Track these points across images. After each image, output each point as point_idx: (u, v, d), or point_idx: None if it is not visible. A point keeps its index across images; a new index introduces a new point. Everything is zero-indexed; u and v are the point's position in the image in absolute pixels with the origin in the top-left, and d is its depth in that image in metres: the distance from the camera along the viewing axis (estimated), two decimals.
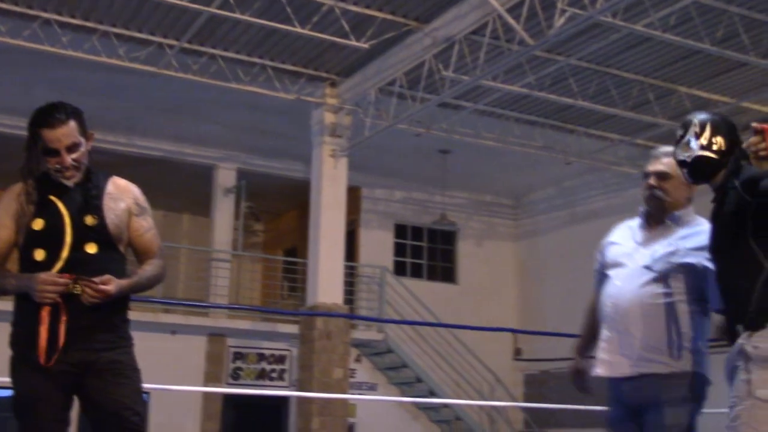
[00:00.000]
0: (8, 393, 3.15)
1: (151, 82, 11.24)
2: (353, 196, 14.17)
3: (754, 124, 2.87)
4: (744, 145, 2.93)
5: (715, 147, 3.29)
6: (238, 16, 9.47)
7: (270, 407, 13.83)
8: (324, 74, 11.58)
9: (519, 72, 10.82)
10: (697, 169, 3.30)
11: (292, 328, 13.18)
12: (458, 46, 9.76)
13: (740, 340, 3.13)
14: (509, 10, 8.88)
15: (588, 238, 15.14)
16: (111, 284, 3.08)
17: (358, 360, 14.18)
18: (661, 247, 3.54)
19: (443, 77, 10.30)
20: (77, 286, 3.07)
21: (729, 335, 3.24)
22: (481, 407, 15.12)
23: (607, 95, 11.60)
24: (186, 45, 10.43)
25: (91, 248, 3.20)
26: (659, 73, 11.25)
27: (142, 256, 3.39)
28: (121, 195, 3.36)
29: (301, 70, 11.40)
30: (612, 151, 13.66)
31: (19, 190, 3.24)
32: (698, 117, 3.36)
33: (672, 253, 3.51)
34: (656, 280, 3.49)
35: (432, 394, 14.00)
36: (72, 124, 3.21)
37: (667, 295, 3.48)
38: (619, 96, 11.63)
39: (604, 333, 3.56)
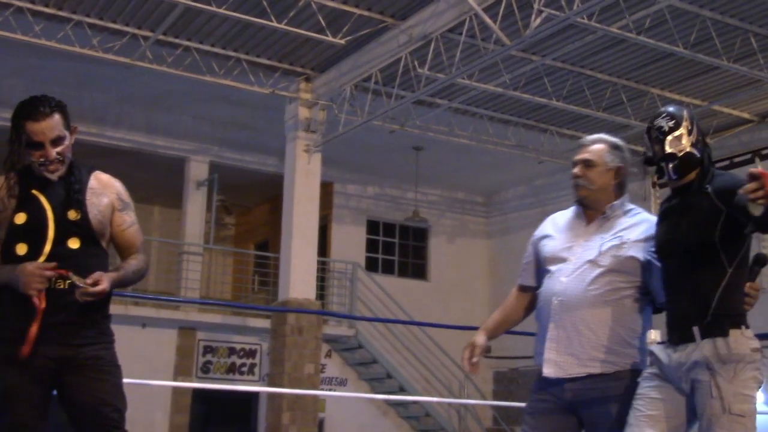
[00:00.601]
0: None
1: (124, 73, 11.17)
2: (326, 191, 14.16)
3: (752, 170, 2.80)
4: (740, 191, 2.84)
5: (699, 146, 3.29)
6: (213, 9, 9.42)
7: (240, 401, 13.80)
8: (299, 69, 11.56)
9: (494, 71, 10.86)
10: (684, 165, 3.27)
11: (263, 323, 13.15)
12: (434, 44, 9.78)
13: (701, 350, 3.10)
14: (486, 9, 8.91)
15: None
16: (103, 282, 3.05)
17: (328, 355, 14.19)
18: (606, 240, 3.41)
19: (419, 74, 10.32)
20: (60, 281, 3.06)
21: (678, 334, 3.21)
22: (450, 404, 15.19)
23: (581, 95, 11.68)
24: (161, 37, 10.35)
25: (74, 243, 3.19)
26: (632, 74, 11.34)
27: (124, 251, 3.38)
28: (104, 190, 3.33)
29: (276, 65, 11.37)
30: None
31: (5, 185, 3.21)
32: (686, 112, 3.33)
33: (618, 246, 3.38)
34: (604, 275, 3.35)
35: (402, 390, 14.04)
36: (56, 117, 3.19)
37: (616, 290, 3.35)
38: (593, 96, 11.72)
39: (551, 332, 3.36)
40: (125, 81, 11.54)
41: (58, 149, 3.18)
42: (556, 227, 3.57)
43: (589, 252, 3.40)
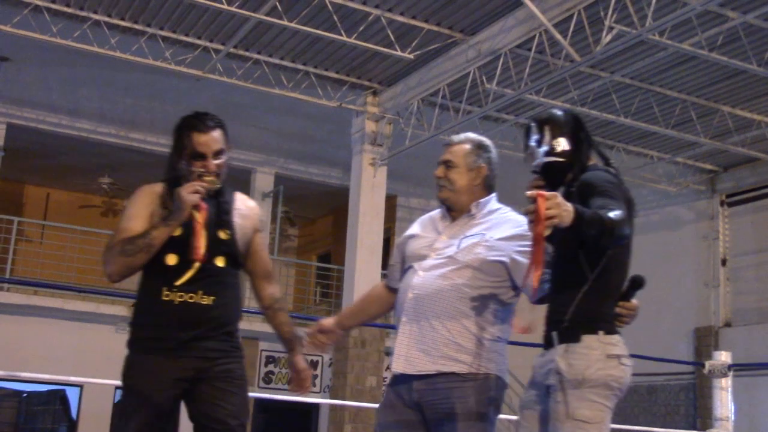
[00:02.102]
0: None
1: (194, 86, 11.36)
2: (389, 204, 14.19)
3: (528, 192, 2.74)
4: (523, 211, 2.78)
5: (558, 149, 3.21)
6: (285, 23, 9.53)
7: (301, 412, 13.88)
8: (366, 83, 11.63)
9: (562, 86, 10.81)
10: (548, 176, 3.21)
11: None
12: (503, 59, 9.77)
13: (555, 354, 3.07)
14: (556, 26, 8.87)
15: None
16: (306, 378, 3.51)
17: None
18: (467, 237, 3.34)
19: (486, 90, 10.31)
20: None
21: (544, 340, 3.18)
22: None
23: (649, 112, 11.55)
24: (232, 50, 10.51)
25: (220, 261, 3.28)
26: (702, 91, 11.19)
27: (260, 272, 3.49)
28: (249, 212, 3.46)
29: (344, 78, 11.46)
30: (651, 168, 13.59)
31: (160, 191, 3.30)
32: (548, 118, 3.27)
33: (478, 243, 3.31)
34: (462, 271, 3.26)
35: None
36: (219, 131, 3.32)
37: (475, 288, 3.26)
38: (662, 113, 11.58)
39: (403, 326, 3.28)
40: (195, 93, 11.73)
41: (218, 162, 3.29)
42: (422, 227, 3.50)
43: (449, 248, 3.33)
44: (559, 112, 3.35)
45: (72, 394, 13.67)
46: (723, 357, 5.93)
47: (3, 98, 12.41)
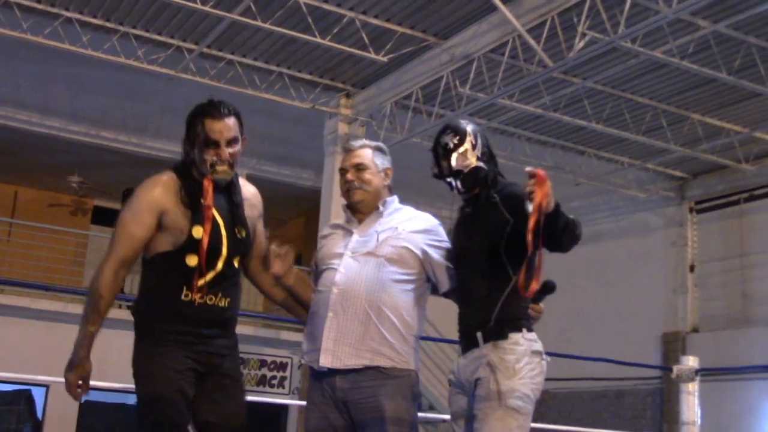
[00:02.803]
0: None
1: (166, 85, 11.29)
2: None
3: (528, 169, 2.93)
4: (525, 188, 2.94)
5: (485, 158, 3.38)
6: (259, 23, 9.50)
7: (269, 414, 13.83)
8: (340, 85, 11.62)
9: (535, 92, 10.86)
10: (470, 180, 3.36)
11: (295, 336, 13.19)
12: (476, 64, 9.80)
13: (483, 351, 3.18)
14: (530, 31, 8.91)
15: (594, 258, 15.28)
16: None
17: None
18: (382, 232, 3.45)
19: (460, 94, 10.34)
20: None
21: (465, 341, 3.29)
22: None
23: (621, 119, 11.64)
24: (205, 50, 10.46)
25: (237, 262, 3.27)
26: (673, 99, 11.28)
27: (259, 254, 3.46)
28: (254, 200, 3.44)
29: (317, 80, 11.44)
30: (621, 174, 13.70)
31: (173, 187, 3.20)
32: (470, 127, 3.43)
33: (395, 237, 3.43)
34: (383, 265, 3.37)
35: (431, 409, 14.00)
36: (234, 119, 3.26)
37: (396, 282, 3.37)
38: (633, 120, 11.67)
39: (329, 321, 3.31)
40: (167, 92, 11.66)
41: (231, 151, 3.23)
42: (327, 237, 3.60)
43: (366, 245, 3.43)
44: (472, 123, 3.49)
45: (38, 394, 13.53)
46: (690, 362, 6.00)
47: None
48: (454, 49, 10.00)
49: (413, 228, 3.49)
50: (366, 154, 3.57)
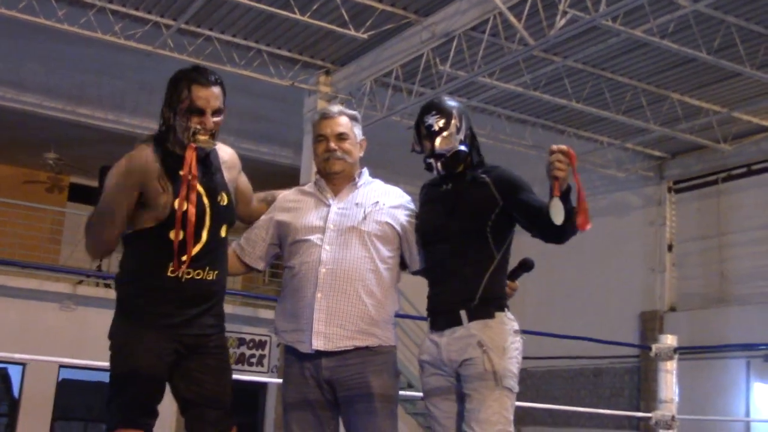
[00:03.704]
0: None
1: (144, 61, 11.17)
2: None
3: (556, 147, 3.01)
4: (551, 159, 3.00)
5: (467, 140, 3.36)
6: None
7: (247, 392, 13.83)
8: (319, 62, 11.54)
9: (515, 70, 10.84)
10: (453, 162, 3.33)
11: (274, 314, 13.15)
12: (457, 42, 9.75)
13: (471, 330, 3.17)
14: (510, 8, 8.87)
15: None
16: None
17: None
18: (366, 207, 3.38)
19: (440, 71, 10.30)
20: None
21: (444, 319, 3.26)
22: None
23: (601, 98, 11.64)
24: (183, 26, 10.35)
25: (224, 231, 3.17)
26: (653, 78, 11.29)
27: (247, 202, 3.45)
28: (231, 160, 3.32)
29: (296, 57, 11.35)
30: (601, 154, 13.72)
31: (152, 162, 3.07)
32: (456, 110, 3.38)
33: (379, 212, 3.37)
34: (370, 241, 3.31)
35: (410, 387, 14.03)
36: (219, 88, 3.14)
37: (382, 259, 3.33)
38: (612, 99, 11.68)
39: (319, 302, 3.24)
40: (145, 69, 11.53)
41: (216, 120, 3.12)
42: (296, 204, 3.47)
43: (348, 219, 3.35)
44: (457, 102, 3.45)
45: (14, 373, 13.45)
46: (669, 340, 6.02)
47: None
48: (435, 26, 9.95)
49: (393, 203, 3.44)
50: (346, 122, 3.47)
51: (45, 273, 13.19)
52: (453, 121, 3.32)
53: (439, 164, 3.32)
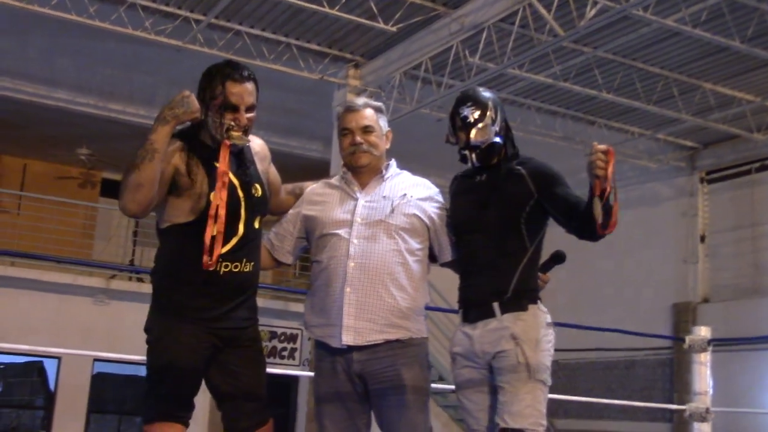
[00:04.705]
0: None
1: (174, 56, 11.22)
2: None
3: (599, 146, 2.94)
4: (592, 158, 2.94)
5: (502, 132, 3.33)
6: None
7: (280, 385, 13.89)
8: (348, 55, 11.54)
9: (545, 62, 10.78)
10: (488, 154, 3.31)
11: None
12: (486, 33, 9.71)
13: (504, 323, 3.15)
14: (540, 0, 8.82)
15: None
16: None
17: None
18: (394, 200, 3.35)
19: (469, 64, 10.26)
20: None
21: (476, 312, 3.24)
22: None
23: (632, 88, 11.54)
24: (213, 20, 10.39)
25: (258, 223, 3.15)
26: (685, 68, 11.18)
27: (277, 193, 3.43)
28: (262, 151, 3.31)
29: (325, 50, 11.36)
30: (632, 144, 13.61)
31: (184, 153, 3.05)
32: (491, 99, 3.35)
33: (406, 204, 3.34)
34: (398, 234, 3.28)
35: (441, 380, 14.02)
36: (253, 84, 3.10)
37: (410, 252, 3.29)
38: (643, 89, 11.58)
39: (348, 296, 3.20)
40: (175, 64, 11.59)
41: (249, 116, 3.10)
42: (323, 197, 3.45)
43: (376, 212, 3.32)
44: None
45: (50, 366, 13.61)
46: (703, 332, 5.97)
47: None
48: (464, 18, 9.91)
49: (421, 195, 3.41)
50: (371, 115, 3.43)
51: (78, 268, 13.32)
52: (488, 113, 3.29)
53: (474, 156, 3.30)
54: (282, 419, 14.03)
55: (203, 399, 3.21)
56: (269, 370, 3.37)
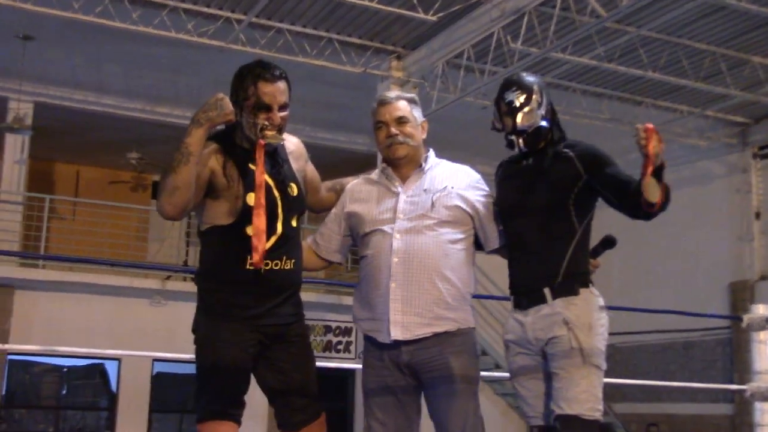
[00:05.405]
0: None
1: (217, 57, 11.32)
2: None
3: (640, 126, 2.91)
4: (637, 139, 2.90)
5: (548, 116, 3.29)
6: None
7: (337, 378, 13.97)
8: (390, 47, 11.54)
9: (588, 43, 10.67)
10: (535, 139, 3.27)
11: None
12: (527, 18, 9.64)
13: (556, 308, 3.12)
14: None
15: None
16: None
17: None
18: (434, 192, 3.32)
19: (511, 50, 10.20)
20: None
21: (527, 298, 3.21)
22: None
23: (678, 66, 11.38)
24: (254, 19, 10.46)
25: (295, 221, 3.18)
26: (732, 42, 10.99)
27: (316, 191, 3.44)
28: (298, 149, 3.32)
29: (367, 43, 11.38)
30: (681, 123, 13.42)
31: (220, 155, 3.08)
32: (536, 84, 3.30)
33: (447, 196, 3.31)
34: (440, 227, 3.27)
35: (497, 368, 13.99)
36: (285, 83, 3.13)
37: (453, 243, 3.28)
38: (690, 67, 11.40)
39: (393, 292, 3.21)
40: (219, 64, 11.68)
41: (283, 115, 3.12)
42: (364, 194, 3.44)
43: (417, 206, 3.31)
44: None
45: (111, 368, 13.85)
46: (761, 310, 5.87)
47: (29, 77, 12.45)
48: (504, 4, 9.86)
49: (462, 184, 3.39)
50: (405, 106, 3.42)
51: (134, 270, 13.51)
52: (534, 97, 3.26)
53: (520, 141, 3.27)
54: (340, 413, 14.12)
55: (262, 396, 3.25)
56: (325, 364, 3.40)
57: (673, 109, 13.06)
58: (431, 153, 3.50)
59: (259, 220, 2.99)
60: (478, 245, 3.46)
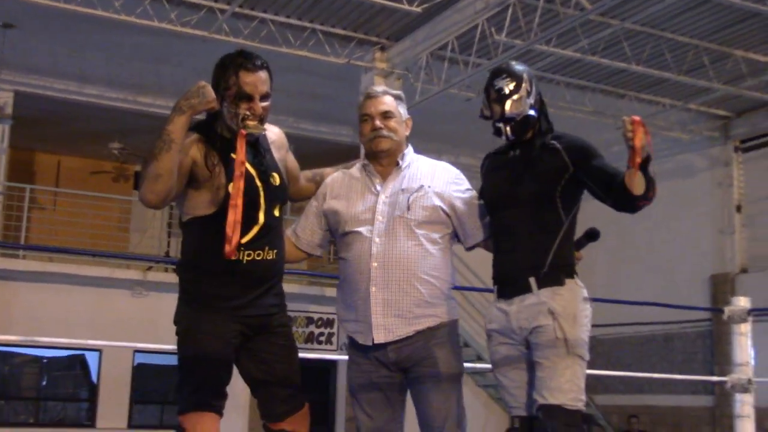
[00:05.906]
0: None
1: (200, 47, 11.25)
2: None
3: (626, 118, 2.89)
4: (624, 131, 2.89)
5: (537, 105, 3.28)
6: None
7: (319, 369, 13.97)
8: (374, 38, 11.52)
9: (572, 36, 10.68)
10: (523, 127, 3.26)
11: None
12: (512, 10, 9.64)
13: (541, 297, 3.13)
14: None
15: None
16: None
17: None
18: (411, 193, 3.33)
19: (496, 41, 10.20)
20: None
21: (512, 287, 3.22)
22: None
23: (661, 59, 11.42)
24: (237, 9, 10.41)
25: (277, 211, 3.16)
26: (715, 36, 11.04)
27: (295, 179, 3.42)
28: (279, 139, 3.30)
29: (351, 34, 11.35)
30: (663, 116, 13.47)
31: (201, 145, 3.06)
32: (526, 72, 3.30)
33: (424, 196, 3.32)
34: (418, 228, 3.28)
35: (479, 359, 14.02)
36: (266, 72, 3.10)
37: (432, 242, 3.29)
38: (673, 60, 11.45)
39: (374, 296, 3.22)
40: (202, 54, 11.56)
41: (264, 105, 3.10)
42: (344, 188, 3.44)
43: (395, 208, 3.31)
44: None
45: (91, 359, 13.79)
46: (742, 302, 5.90)
47: (9, 66, 12.34)
48: None
49: (440, 182, 3.40)
50: (391, 102, 3.44)
51: (115, 261, 13.46)
52: (524, 85, 3.25)
53: (508, 129, 3.25)
54: (322, 404, 14.13)
55: (244, 387, 3.23)
56: (307, 355, 3.39)
57: (655, 102, 13.11)
58: (409, 149, 3.50)
59: (235, 211, 2.97)
60: (457, 238, 3.47)
